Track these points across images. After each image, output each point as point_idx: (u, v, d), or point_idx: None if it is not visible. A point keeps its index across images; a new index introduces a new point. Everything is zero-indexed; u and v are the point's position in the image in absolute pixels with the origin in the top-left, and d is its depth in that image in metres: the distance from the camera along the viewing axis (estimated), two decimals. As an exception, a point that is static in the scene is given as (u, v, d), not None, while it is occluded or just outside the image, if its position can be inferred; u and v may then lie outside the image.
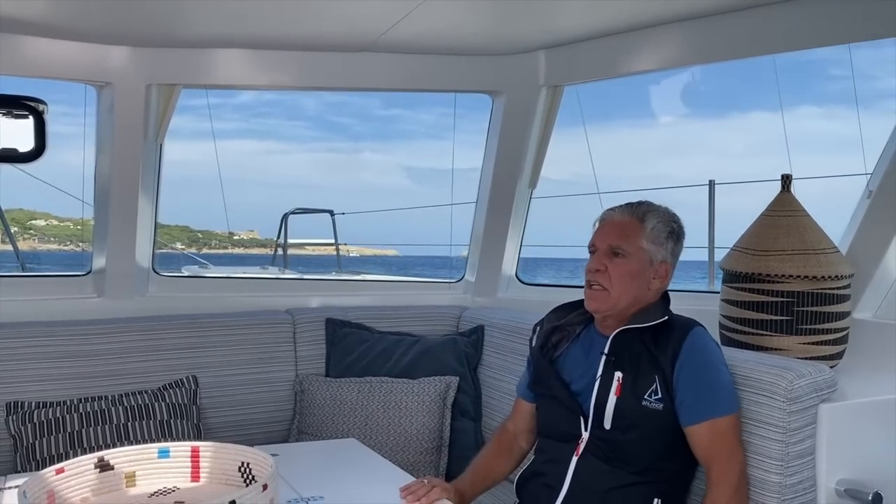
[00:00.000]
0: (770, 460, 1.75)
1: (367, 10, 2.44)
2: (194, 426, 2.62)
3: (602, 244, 1.88)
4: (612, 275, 1.84)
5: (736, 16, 2.46)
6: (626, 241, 1.86)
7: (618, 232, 1.87)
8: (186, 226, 51.07)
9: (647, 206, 1.91)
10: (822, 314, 2.13)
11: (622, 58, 2.81)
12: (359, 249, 38.68)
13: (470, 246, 3.44)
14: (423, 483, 1.79)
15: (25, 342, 2.61)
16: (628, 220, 1.88)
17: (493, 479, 2.11)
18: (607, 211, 1.94)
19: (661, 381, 1.78)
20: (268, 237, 58.74)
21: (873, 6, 2.19)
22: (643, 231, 1.86)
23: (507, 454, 2.12)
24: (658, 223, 1.88)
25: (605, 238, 1.88)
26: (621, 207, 1.92)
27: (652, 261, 1.86)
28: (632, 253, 1.85)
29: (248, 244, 56.41)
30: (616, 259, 1.85)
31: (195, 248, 47.43)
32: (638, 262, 1.85)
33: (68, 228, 49.75)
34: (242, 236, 57.02)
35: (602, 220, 1.94)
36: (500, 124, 3.09)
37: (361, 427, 2.67)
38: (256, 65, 2.93)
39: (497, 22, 2.66)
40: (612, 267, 1.85)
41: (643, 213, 1.88)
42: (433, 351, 2.90)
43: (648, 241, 1.86)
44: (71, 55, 2.69)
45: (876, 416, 1.91)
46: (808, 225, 2.21)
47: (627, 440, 1.79)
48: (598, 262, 1.86)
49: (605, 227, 1.91)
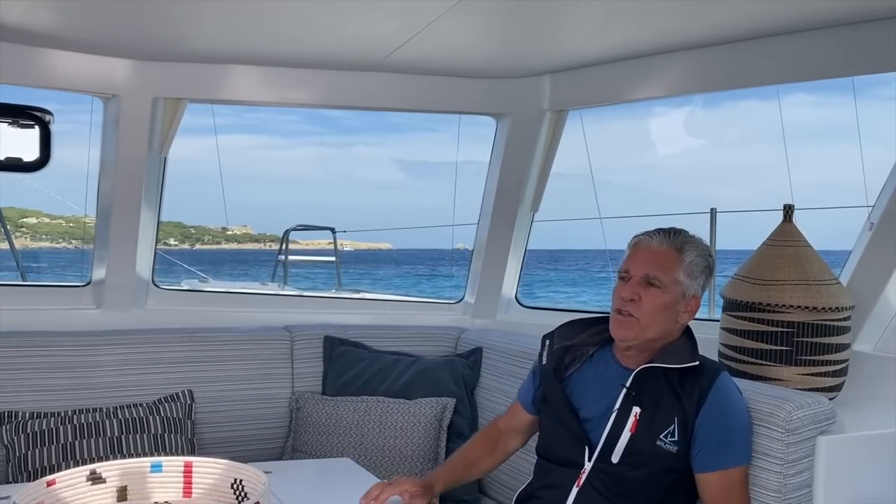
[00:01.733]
0: (768, 492, 1.74)
1: (374, 31, 2.46)
2: (188, 441, 2.61)
3: (637, 272, 1.80)
4: (645, 305, 1.78)
5: (739, 46, 2.48)
6: (663, 271, 1.79)
7: (655, 261, 1.80)
8: (179, 222, 50.96)
9: (685, 237, 1.84)
10: (822, 345, 2.13)
11: (626, 84, 2.83)
12: (353, 244, 38.58)
13: (470, 267, 3.44)
14: (378, 484, 1.81)
15: (22, 352, 2.60)
16: (666, 249, 1.81)
17: (472, 474, 2.09)
18: (643, 236, 1.85)
19: (681, 423, 1.74)
20: (261, 232, 58.62)
21: (876, 39, 2.21)
22: (681, 263, 1.80)
23: (491, 452, 2.09)
24: (696, 257, 1.82)
25: (642, 266, 1.80)
26: (659, 235, 1.83)
27: (685, 294, 1.81)
28: (667, 285, 1.79)
29: (242, 239, 56.23)
30: (650, 289, 1.78)
31: (188, 244, 47.25)
32: (671, 294, 1.79)
33: (60, 226, 49.73)
34: (236, 231, 56.84)
35: (636, 244, 1.85)
36: (503, 147, 3.11)
37: (356, 446, 2.66)
38: (263, 82, 2.95)
39: (503, 45, 2.68)
40: (646, 297, 1.78)
41: (682, 244, 1.82)
42: (431, 371, 2.89)
43: (685, 274, 1.80)
44: (78, 67, 2.70)
45: (875, 449, 1.90)
46: (810, 256, 2.21)
47: (635, 477, 1.76)
48: (633, 290, 1.79)
49: (642, 254, 1.82)
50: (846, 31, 2.26)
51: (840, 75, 2.40)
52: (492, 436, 2.11)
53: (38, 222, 49.23)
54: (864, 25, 2.22)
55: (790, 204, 2.31)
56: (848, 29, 2.26)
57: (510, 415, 2.12)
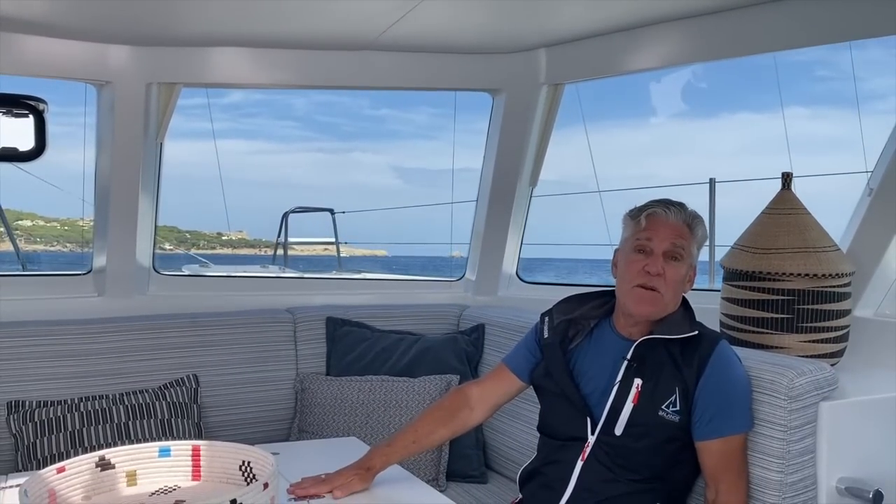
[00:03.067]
0: (771, 458, 1.75)
1: (367, 9, 2.44)
2: (195, 425, 2.62)
3: (660, 246, 1.80)
4: (668, 279, 1.79)
5: (736, 14, 2.46)
6: (683, 245, 1.81)
7: (676, 235, 1.81)
8: (174, 226, 50.87)
9: (692, 211, 1.86)
10: (823, 312, 2.13)
11: (622, 56, 2.81)
12: (348, 250, 38.57)
13: (470, 244, 3.44)
14: (309, 479, 1.78)
15: (26, 341, 2.61)
16: (681, 223, 1.82)
17: (422, 448, 2.01)
18: (657, 208, 1.83)
19: (682, 393, 1.76)
20: (257, 237, 58.37)
21: (871, 4, 2.19)
22: (694, 237, 1.84)
23: (446, 423, 1.99)
24: (703, 231, 1.86)
25: (665, 240, 1.80)
26: (673, 208, 1.83)
27: (690, 266, 1.85)
28: (685, 258, 1.82)
29: (238, 244, 55.95)
30: (672, 263, 1.80)
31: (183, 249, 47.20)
32: (686, 267, 1.83)
33: (55, 229, 49.54)
34: (231, 236, 56.62)
35: (652, 216, 1.83)
36: (500, 123, 3.09)
37: (362, 426, 2.67)
38: (257, 63, 2.93)
39: (497, 20, 2.66)
40: (669, 271, 1.79)
41: (692, 219, 1.84)
42: (434, 349, 2.90)
43: (696, 247, 1.84)
44: (71, 54, 2.69)
45: (877, 414, 1.91)
46: (809, 223, 2.21)
47: (638, 448, 1.78)
48: (659, 265, 1.79)
49: (663, 228, 1.81)
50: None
51: (837, 41, 2.38)
52: (454, 405, 2.02)
53: (32, 225, 49.05)
54: None
55: (789, 172, 2.30)
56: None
57: (492, 381, 2.06)
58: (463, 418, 2.02)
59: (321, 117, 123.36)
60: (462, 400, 2.03)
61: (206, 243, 55.98)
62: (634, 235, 1.85)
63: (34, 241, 47.74)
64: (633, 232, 1.86)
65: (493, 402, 2.05)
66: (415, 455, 2.12)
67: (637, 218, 1.86)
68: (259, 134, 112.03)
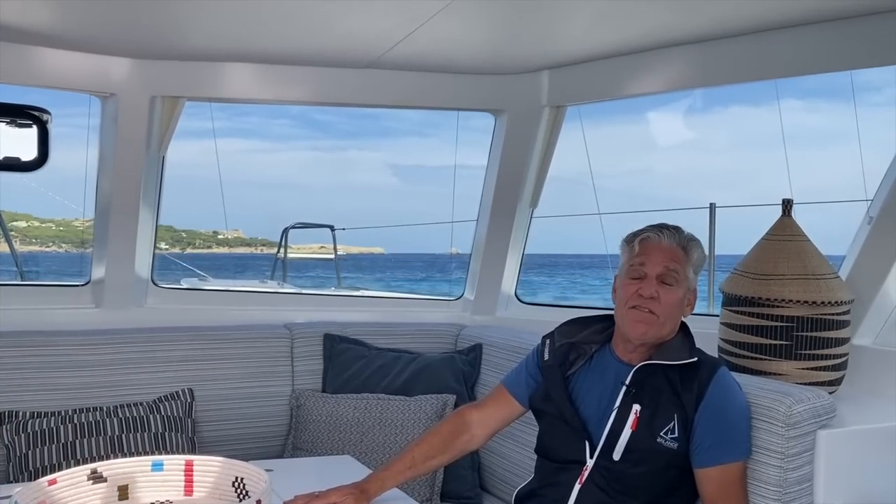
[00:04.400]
0: (768, 486, 1.74)
1: (372, 28, 2.46)
2: (189, 439, 2.61)
3: (653, 270, 1.81)
4: (664, 302, 1.79)
5: (738, 40, 2.48)
6: (678, 268, 1.82)
7: (669, 258, 1.81)
8: (170, 226, 50.74)
9: (688, 235, 1.86)
10: (822, 340, 2.13)
11: (625, 80, 2.82)
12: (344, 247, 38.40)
13: (470, 263, 3.44)
14: (303, 495, 1.76)
15: (22, 351, 2.60)
16: (675, 247, 1.83)
17: (418, 474, 2.00)
18: (651, 233, 1.85)
19: (681, 420, 1.75)
20: (253, 236, 58.11)
21: (874, 33, 2.21)
22: (689, 261, 1.83)
23: (444, 450, 1.98)
24: (700, 254, 1.86)
25: (658, 264, 1.81)
26: (666, 232, 1.84)
27: (689, 289, 1.84)
28: (680, 282, 1.82)
29: (233, 243, 55.72)
30: (665, 287, 1.80)
31: (179, 248, 47.08)
32: (682, 290, 1.82)
33: (50, 230, 49.55)
34: (227, 235, 56.40)
35: (646, 240, 1.85)
36: (502, 143, 3.10)
37: (357, 444, 2.66)
38: (261, 79, 2.94)
39: (501, 41, 2.68)
40: (664, 294, 1.79)
41: (687, 242, 1.84)
42: (431, 368, 2.89)
43: (692, 270, 1.84)
44: (76, 66, 2.70)
45: (875, 443, 1.90)
46: (809, 250, 2.21)
47: (636, 474, 1.77)
48: (652, 288, 1.79)
49: (655, 253, 1.83)
50: (844, 25, 2.26)
51: (838, 69, 2.40)
52: (453, 431, 2.00)
53: (27, 226, 49.06)
54: (862, 19, 2.22)
55: (789, 199, 2.31)
56: (846, 23, 2.25)
57: (492, 405, 2.05)
58: (462, 444, 2.01)
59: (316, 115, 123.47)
60: (461, 425, 2.02)
61: (202, 242, 55.77)
62: (629, 261, 1.86)
63: (30, 242, 47.70)
64: (628, 258, 1.87)
65: (492, 428, 2.05)
66: (412, 480, 2.11)
67: (632, 243, 1.87)
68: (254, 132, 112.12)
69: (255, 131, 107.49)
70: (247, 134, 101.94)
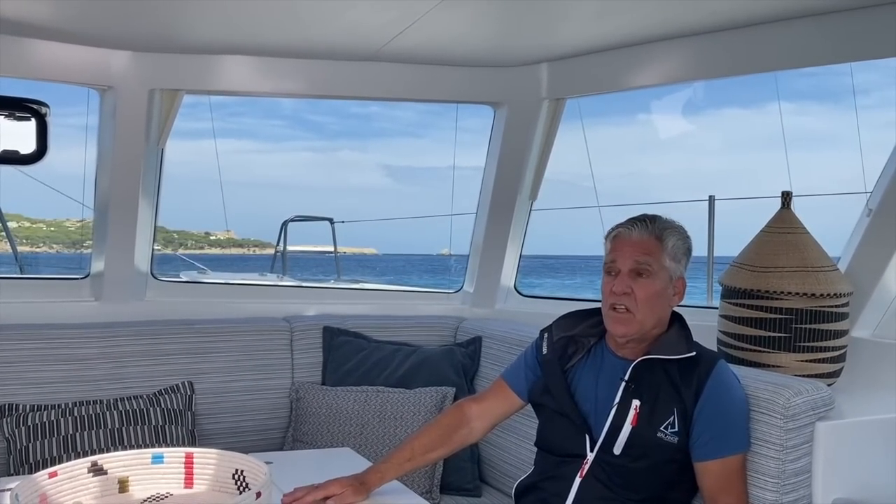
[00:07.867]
0: (766, 478, 1.75)
1: (371, 20, 2.45)
2: (189, 432, 2.61)
3: (624, 265, 1.81)
4: (638, 297, 1.78)
5: (737, 33, 2.47)
6: (649, 260, 1.80)
7: (640, 251, 1.80)
8: (162, 226, 50.70)
9: (663, 223, 1.84)
10: (821, 332, 2.13)
11: (624, 72, 2.82)
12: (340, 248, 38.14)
13: (469, 256, 3.44)
14: (302, 487, 1.75)
15: (22, 344, 2.61)
16: (647, 238, 1.81)
17: (418, 466, 1.99)
18: (621, 228, 1.85)
19: (680, 414, 1.75)
20: (245, 237, 57.91)
21: (872, 25, 2.20)
22: (664, 249, 1.81)
23: (444, 442, 1.97)
24: (677, 240, 1.83)
25: (628, 259, 1.81)
26: (637, 225, 1.83)
27: (671, 278, 1.82)
28: (656, 272, 1.80)
29: (225, 244, 55.59)
30: (640, 280, 1.79)
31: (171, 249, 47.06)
32: (661, 281, 1.80)
33: (41, 230, 49.47)
34: (219, 236, 56.27)
35: (616, 237, 1.85)
36: (501, 136, 3.10)
37: (357, 436, 2.66)
38: (260, 72, 2.94)
39: (500, 34, 2.67)
40: (638, 288, 1.79)
41: (661, 231, 1.82)
42: (430, 361, 2.89)
43: (669, 258, 1.81)
44: (74, 59, 2.69)
45: (873, 434, 1.91)
46: (808, 242, 2.21)
47: (636, 468, 1.77)
48: (624, 284, 1.79)
49: (625, 247, 1.82)
50: (844, 17, 2.26)
51: (837, 61, 2.41)
52: (452, 424, 2.00)
53: (17, 226, 48.98)
54: (861, 11, 2.21)
55: (788, 191, 2.31)
56: (845, 15, 2.25)
57: (492, 398, 2.05)
58: (461, 437, 2.00)
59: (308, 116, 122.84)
60: (461, 418, 2.01)
61: (194, 243, 55.64)
62: (605, 259, 1.87)
63: (20, 243, 47.63)
64: (605, 255, 1.88)
65: (492, 421, 2.04)
66: (411, 472, 2.11)
67: (607, 240, 1.88)
68: (246, 133, 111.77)
69: (248, 132, 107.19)
70: (238, 134, 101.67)
